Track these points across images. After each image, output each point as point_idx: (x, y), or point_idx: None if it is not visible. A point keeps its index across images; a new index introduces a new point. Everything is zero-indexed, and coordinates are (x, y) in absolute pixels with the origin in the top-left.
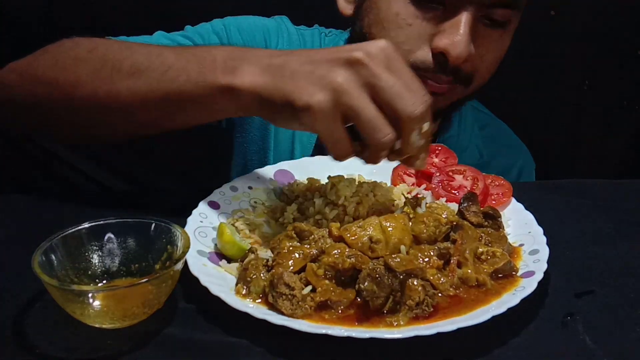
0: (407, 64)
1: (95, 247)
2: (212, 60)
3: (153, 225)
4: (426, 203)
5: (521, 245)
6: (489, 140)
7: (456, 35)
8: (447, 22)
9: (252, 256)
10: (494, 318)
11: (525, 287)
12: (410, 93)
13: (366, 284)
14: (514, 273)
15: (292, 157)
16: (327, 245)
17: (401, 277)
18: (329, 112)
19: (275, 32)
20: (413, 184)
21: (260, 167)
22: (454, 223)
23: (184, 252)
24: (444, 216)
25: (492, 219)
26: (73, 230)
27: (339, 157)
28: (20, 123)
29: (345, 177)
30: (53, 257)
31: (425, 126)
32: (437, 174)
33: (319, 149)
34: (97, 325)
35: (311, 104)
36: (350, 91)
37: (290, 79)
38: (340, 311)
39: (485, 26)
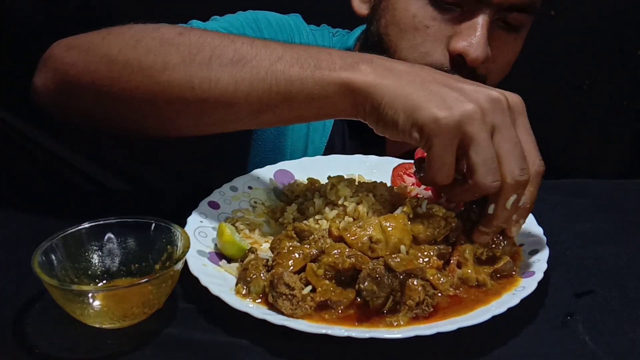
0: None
1: (95, 247)
2: (327, 53)
3: (153, 225)
4: (426, 203)
5: (521, 245)
6: None
7: (474, 37)
8: (465, 24)
9: (252, 256)
10: (494, 318)
11: (525, 287)
12: (523, 160)
13: (366, 284)
14: (514, 273)
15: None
16: (327, 245)
17: (401, 277)
18: (452, 132)
19: (296, 29)
20: (413, 184)
21: (262, 167)
22: (453, 224)
23: (184, 252)
24: (444, 217)
25: None
26: (73, 230)
27: (436, 180)
28: (77, 108)
29: (345, 177)
30: (53, 257)
31: (523, 199)
32: None
33: (330, 151)
34: (97, 325)
35: (439, 117)
36: (479, 122)
37: (420, 88)
38: (340, 311)
39: (500, 29)
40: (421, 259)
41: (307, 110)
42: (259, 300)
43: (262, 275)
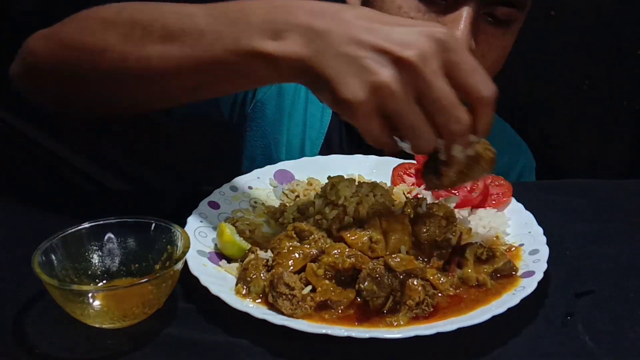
0: None
1: (95, 247)
2: (247, 22)
3: (153, 225)
4: (426, 203)
5: (521, 245)
6: (490, 139)
7: (456, 30)
8: (448, 17)
9: (252, 256)
10: (494, 318)
11: (525, 287)
12: (456, 110)
13: (366, 284)
14: (514, 273)
15: (302, 152)
16: (327, 245)
17: (401, 277)
18: (369, 112)
19: None
20: (413, 184)
21: (270, 163)
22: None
23: (184, 252)
24: (444, 217)
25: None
26: (73, 230)
27: (379, 148)
28: (44, 91)
29: (345, 177)
30: (53, 257)
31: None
32: None
33: (327, 146)
34: (97, 325)
35: (352, 101)
36: (394, 95)
37: (333, 60)
38: (340, 311)
39: (488, 24)
40: (421, 259)
41: (243, 82)
42: (259, 300)
43: (262, 275)
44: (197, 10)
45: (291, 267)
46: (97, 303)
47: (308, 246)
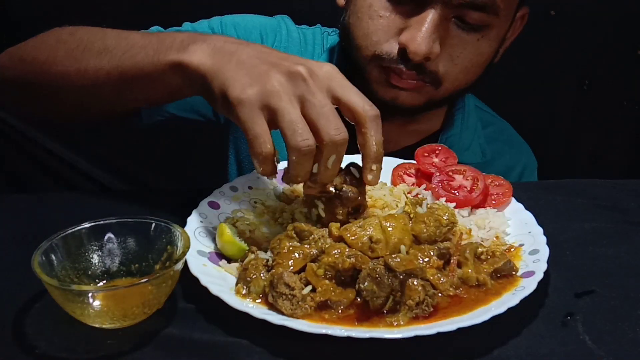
0: (372, 55)
1: (95, 247)
2: (171, 40)
3: (153, 225)
4: (427, 204)
5: (521, 245)
6: (492, 139)
7: (418, 31)
8: (414, 18)
9: (252, 256)
10: (494, 318)
11: (525, 287)
12: (336, 119)
13: (366, 284)
14: (514, 273)
15: None
16: (327, 245)
17: (401, 277)
18: (253, 107)
19: (272, 30)
20: (413, 184)
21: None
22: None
23: (184, 252)
24: (445, 217)
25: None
26: (73, 230)
27: (257, 154)
28: (14, 102)
29: None
30: (53, 257)
31: (332, 159)
32: (437, 174)
33: None
34: (97, 325)
35: (241, 98)
36: (280, 95)
37: (234, 68)
38: (340, 311)
39: (458, 28)
40: (421, 259)
41: (160, 90)
42: (259, 300)
43: (262, 275)
44: (134, 34)
45: (291, 267)
46: (97, 303)
47: (308, 246)
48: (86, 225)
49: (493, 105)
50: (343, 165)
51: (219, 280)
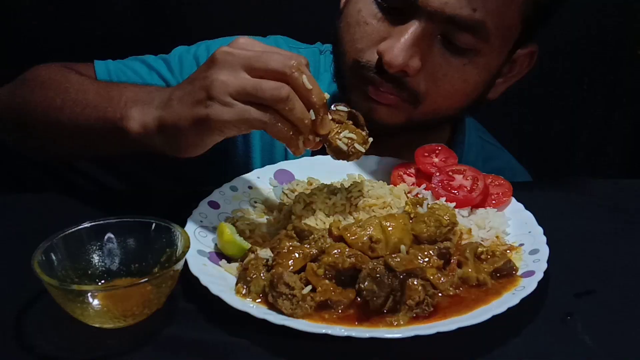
0: (353, 61)
1: (95, 247)
2: (118, 100)
3: (153, 225)
4: (428, 203)
5: (521, 245)
6: (494, 173)
7: (397, 41)
8: (397, 28)
9: (252, 256)
10: (494, 318)
11: (525, 287)
12: (277, 54)
13: (366, 283)
14: (514, 272)
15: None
16: (327, 245)
17: (401, 276)
18: (228, 104)
19: None
20: (413, 184)
21: (271, 162)
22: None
23: (184, 252)
24: (445, 217)
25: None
26: (73, 230)
27: (280, 97)
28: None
29: (346, 177)
30: (53, 257)
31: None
32: (437, 174)
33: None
34: (97, 325)
35: (209, 114)
36: (227, 80)
37: (178, 104)
38: (340, 311)
39: (444, 48)
40: (421, 259)
41: (113, 145)
42: (259, 300)
43: (262, 275)
44: (92, 88)
45: (291, 267)
46: (97, 303)
47: (308, 246)
48: (86, 225)
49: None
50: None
51: (219, 280)
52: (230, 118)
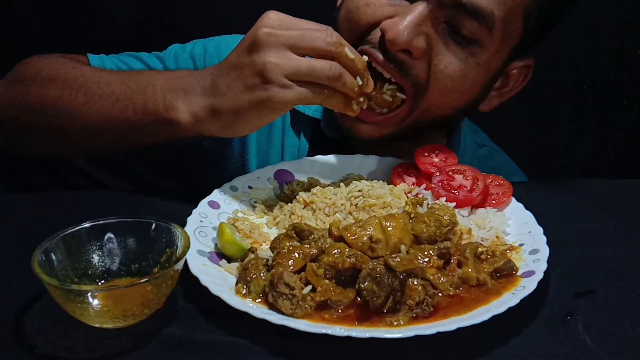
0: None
1: (95, 247)
2: (153, 91)
3: (153, 225)
4: (428, 203)
5: (521, 245)
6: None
7: (402, 19)
8: (403, 9)
9: (252, 256)
10: (494, 317)
11: (526, 287)
12: (318, 32)
13: (366, 283)
14: (514, 272)
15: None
16: (327, 245)
17: (401, 276)
18: (286, 86)
19: None
20: (413, 184)
21: (268, 164)
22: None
23: (184, 252)
24: (445, 217)
25: None
26: (73, 230)
27: (329, 79)
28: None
29: (346, 176)
30: (53, 257)
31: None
32: (437, 174)
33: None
34: (97, 325)
35: (270, 96)
36: (280, 63)
37: (230, 90)
38: (340, 311)
39: (448, 36)
40: (421, 259)
41: (150, 138)
42: (259, 300)
43: (262, 275)
44: (113, 79)
45: (291, 267)
46: (97, 303)
47: (308, 246)
48: (86, 225)
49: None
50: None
51: (219, 280)
52: (292, 98)
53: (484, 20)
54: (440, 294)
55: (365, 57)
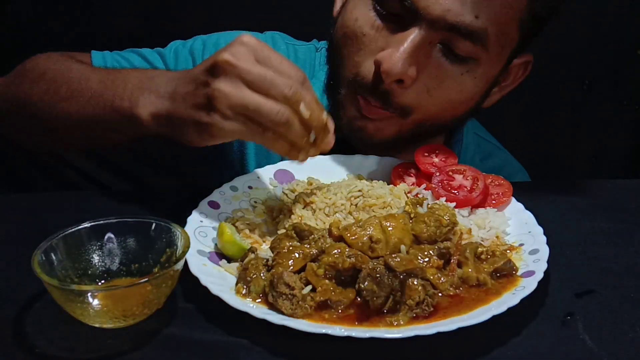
0: (353, 77)
1: (95, 247)
2: (123, 87)
3: (153, 225)
4: (428, 204)
5: (521, 245)
6: (492, 172)
7: (396, 50)
8: (396, 37)
9: (252, 256)
10: (494, 318)
11: (525, 287)
12: (281, 77)
13: (366, 283)
14: (514, 272)
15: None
16: (327, 245)
17: (401, 276)
18: (229, 117)
19: None
20: (413, 184)
21: (269, 163)
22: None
23: (184, 252)
24: (445, 217)
25: None
26: (73, 230)
27: (277, 120)
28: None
29: (346, 177)
30: (53, 256)
31: (307, 98)
32: (437, 174)
33: None
34: (97, 325)
35: (210, 122)
36: (229, 94)
37: (182, 102)
38: (340, 311)
39: (442, 56)
40: (421, 259)
41: (120, 134)
42: (259, 300)
43: (262, 275)
44: (93, 75)
45: (291, 267)
46: (97, 303)
47: (308, 246)
48: (86, 225)
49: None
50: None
51: (219, 280)
52: (230, 130)
53: (479, 39)
54: (440, 294)
55: (325, 115)
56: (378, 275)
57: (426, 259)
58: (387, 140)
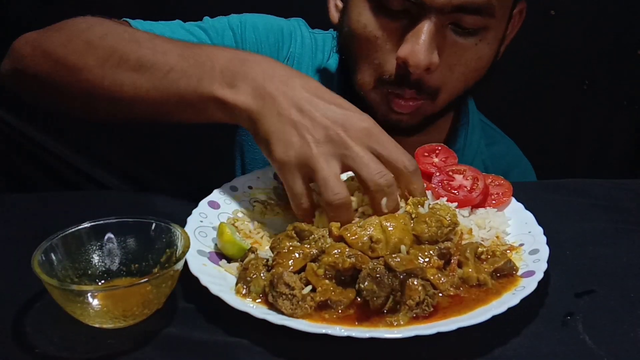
0: (376, 80)
1: (95, 247)
2: (211, 67)
3: (153, 225)
4: (429, 204)
5: (521, 245)
6: (496, 158)
7: (416, 44)
8: (410, 32)
9: (252, 256)
10: (494, 318)
11: (526, 287)
12: (377, 165)
13: (366, 283)
14: (514, 272)
15: None
16: (327, 245)
17: (401, 276)
18: (292, 170)
19: (288, 35)
20: None
21: (262, 167)
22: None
23: (184, 252)
24: (447, 218)
25: None
26: (73, 230)
27: (297, 208)
28: (32, 92)
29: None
30: (53, 257)
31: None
32: (437, 174)
33: None
34: (97, 325)
35: (283, 160)
36: (317, 158)
37: (277, 122)
38: (340, 311)
39: (455, 34)
40: (421, 259)
41: (198, 117)
42: (259, 300)
43: (262, 275)
44: (170, 48)
45: (291, 267)
46: (97, 303)
47: (308, 246)
48: (86, 225)
49: (492, 105)
50: None
51: (219, 280)
52: (292, 187)
53: (486, 12)
54: (440, 294)
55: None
56: (378, 275)
57: (426, 259)
58: (417, 125)
